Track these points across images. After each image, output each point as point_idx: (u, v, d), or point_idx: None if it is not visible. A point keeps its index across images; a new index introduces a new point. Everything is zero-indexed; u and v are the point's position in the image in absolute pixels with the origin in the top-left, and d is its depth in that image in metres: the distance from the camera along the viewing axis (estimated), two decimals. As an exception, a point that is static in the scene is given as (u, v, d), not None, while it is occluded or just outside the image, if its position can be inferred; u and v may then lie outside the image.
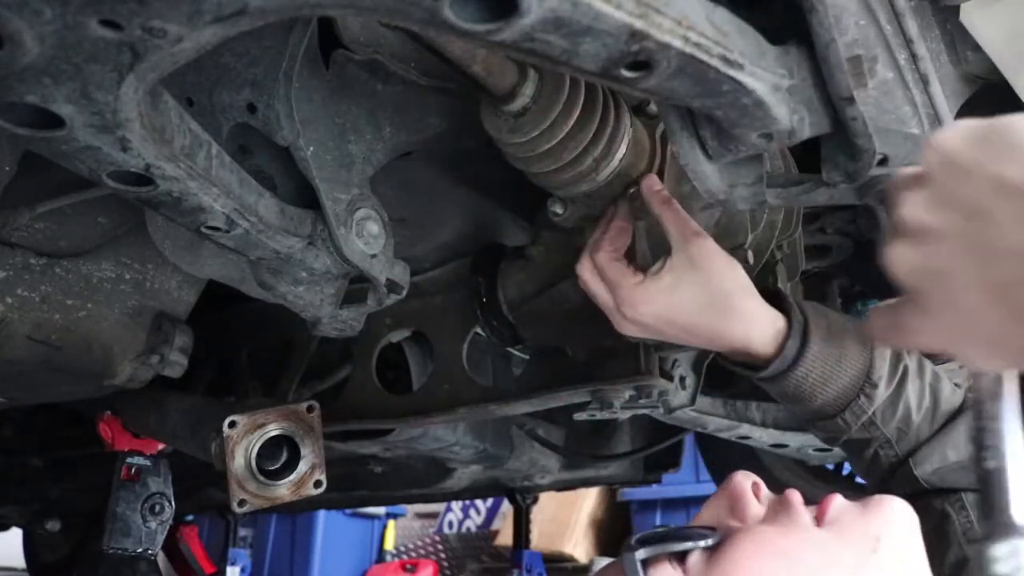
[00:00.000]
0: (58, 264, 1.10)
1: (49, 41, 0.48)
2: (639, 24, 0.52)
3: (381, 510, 5.37)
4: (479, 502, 6.11)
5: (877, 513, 0.75)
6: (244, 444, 1.08)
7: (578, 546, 4.93)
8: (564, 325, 1.18)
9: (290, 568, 4.87)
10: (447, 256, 1.37)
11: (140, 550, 1.49)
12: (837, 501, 0.77)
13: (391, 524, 5.60)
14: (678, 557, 0.72)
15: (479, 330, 1.30)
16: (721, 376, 1.51)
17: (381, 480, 2.30)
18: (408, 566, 4.98)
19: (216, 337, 1.62)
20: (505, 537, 4.94)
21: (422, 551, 5.84)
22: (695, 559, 0.71)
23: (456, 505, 6.15)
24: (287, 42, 0.80)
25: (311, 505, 3.28)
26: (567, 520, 4.98)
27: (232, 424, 1.07)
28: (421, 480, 2.26)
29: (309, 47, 0.82)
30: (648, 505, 4.88)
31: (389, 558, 5.44)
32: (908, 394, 0.97)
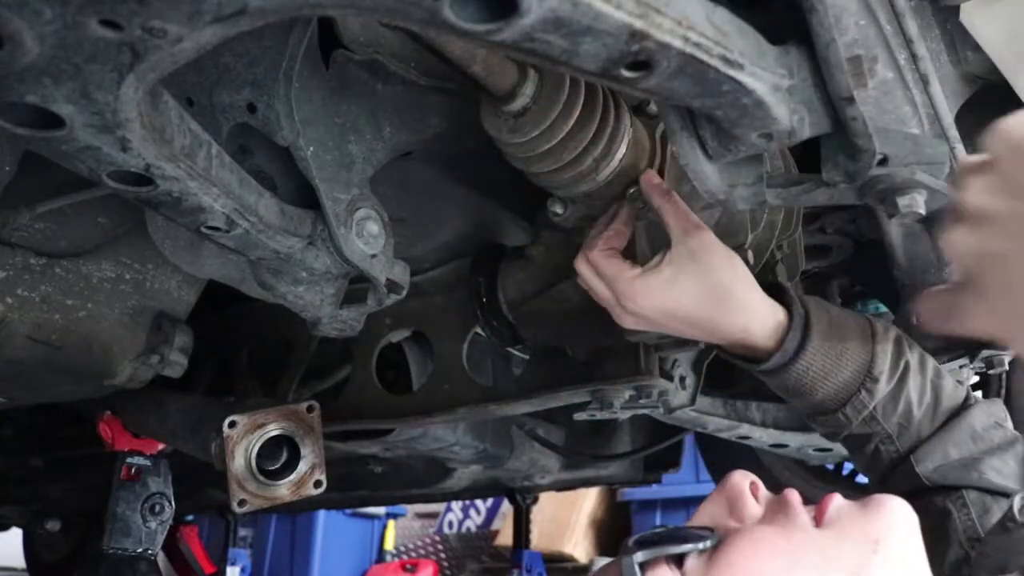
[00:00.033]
0: (58, 264, 1.10)
1: (49, 41, 0.48)
2: (639, 24, 0.52)
3: (381, 510, 5.38)
4: (479, 502, 6.11)
5: (877, 514, 0.75)
6: (244, 444, 1.08)
7: (578, 546, 4.93)
8: (564, 325, 1.18)
9: (290, 568, 4.87)
10: (447, 256, 1.37)
11: (140, 550, 1.49)
12: (836, 501, 0.77)
13: (391, 524, 5.60)
14: (676, 560, 0.71)
15: (479, 330, 1.30)
16: (721, 376, 1.51)
17: (381, 480, 2.30)
18: (408, 566, 4.98)
19: (216, 337, 1.62)
20: (505, 537, 4.94)
21: (422, 551, 5.85)
22: (693, 561, 0.71)
23: (456, 505, 6.16)
24: (287, 42, 0.80)
25: (311, 505, 3.28)
26: (567, 520, 4.98)
27: (232, 424, 1.07)
28: (421, 480, 2.26)
29: (309, 47, 0.82)
30: (648, 505, 4.88)
31: (389, 558, 5.44)
32: (910, 389, 0.97)
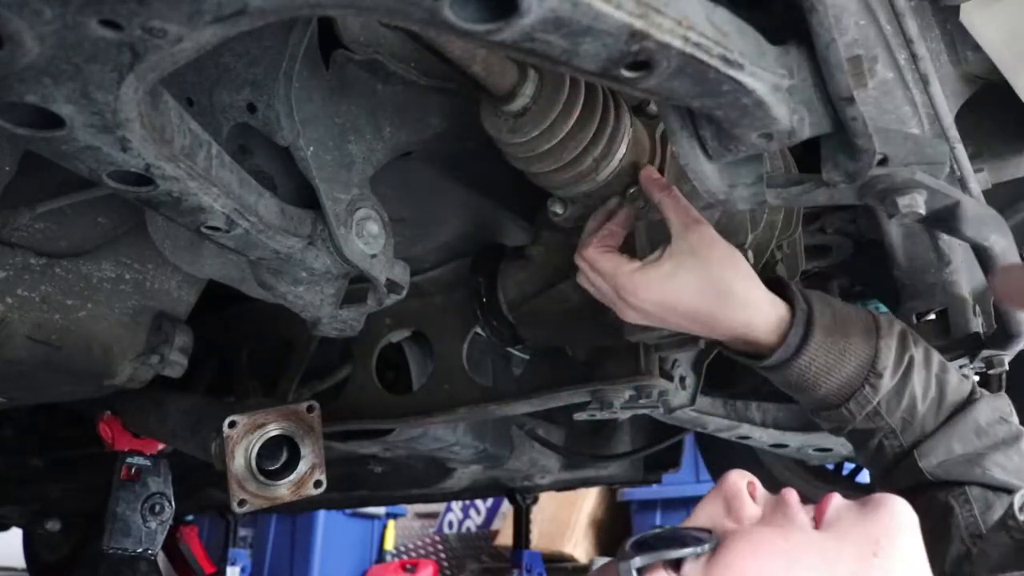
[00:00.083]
0: (58, 264, 1.10)
1: (49, 41, 0.48)
2: (639, 24, 0.52)
3: (381, 510, 5.38)
4: (479, 502, 6.11)
5: (877, 514, 0.74)
6: (244, 444, 1.08)
7: (578, 546, 4.93)
8: (564, 325, 1.18)
9: (290, 568, 4.87)
10: (447, 256, 1.37)
11: (140, 550, 1.49)
12: (836, 501, 0.76)
13: (391, 524, 5.61)
14: (673, 564, 0.71)
15: (479, 330, 1.30)
16: (721, 376, 1.51)
17: (381, 480, 2.30)
18: (408, 566, 4.98)
19: (216, 337, 1.62)
20: (505, 537, 4.94)
21: (422, 551, 5.85)
22: (691, 565, 0.70)
23: (456, 505, 6.16)
24: (287, 42, 0.80)
25: (311, 505, 3.28)
26: (567, 520, 4.98)
27: (232, 424, 1.07)
28: (421, 480, 2.26)
29: (309, 47, 0.82)
30: (648, 505, 4.89)
31: (389, 558, 5.45)
32: (914, 384, 0.96)
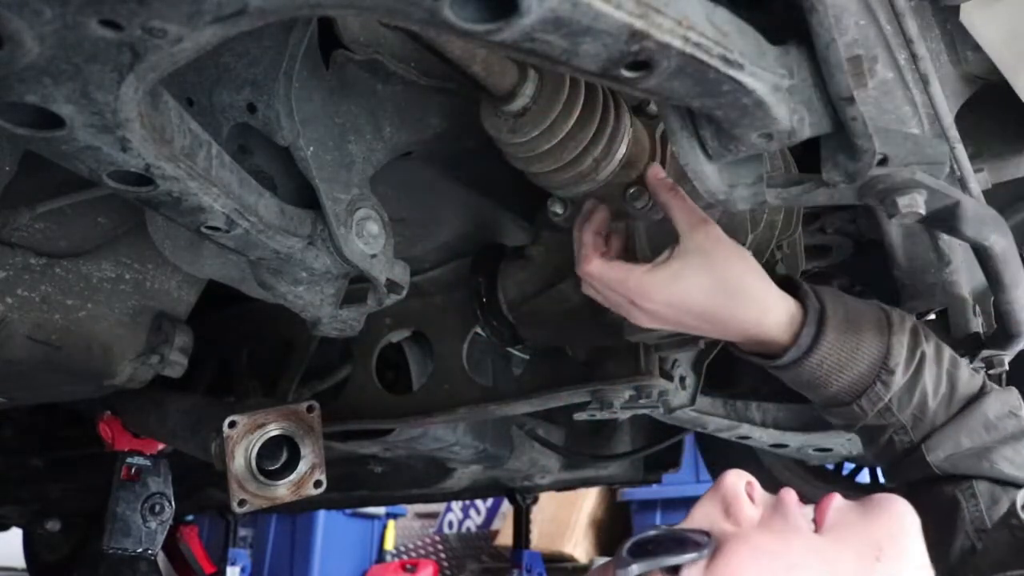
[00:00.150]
0: (58, 264, 1.10)
1: (49, 41, 0.48)
2: (639, 24, 0.52)
3: (381, 510, 5.38)
4: (479, 502, 6.11)
5: (879, 517, 0.74)
6: (244, 444, 1.08)
7: (578, 546, 4.93)
8: (564, 325, 1.18)
9: (290, 568, 4.87)
10: (447, 256, 1.37)
11: (140, 550, 1.49)
12: (836, 503, 0.75)
13: (391, 524, 5.61)
14: (672, 569, 0.70)
15: (479, 330, 1.30)
16: (721, 376, 1.51)
17: (381, 480, 2.30)
18: (408, 566, 4.98)
19: (216, 337, 1.62)
20: (505, 537, 4.94)
21: (422, 551, 5.85)
22: (689, 570, 0.70)
23: (456, 505, 6.16)
24: (287, 42, 0.80)
25: (311, 505, 3.28)
26: (567, 520, 4.98)
27: (232, 424, 1.07)
28: (421, 480, 2.26)
29: (309, 47, 0.82)
30: (648, 505, 4.89)
31: (389, 558, 5.45)
32: (925, 380, 0.95)
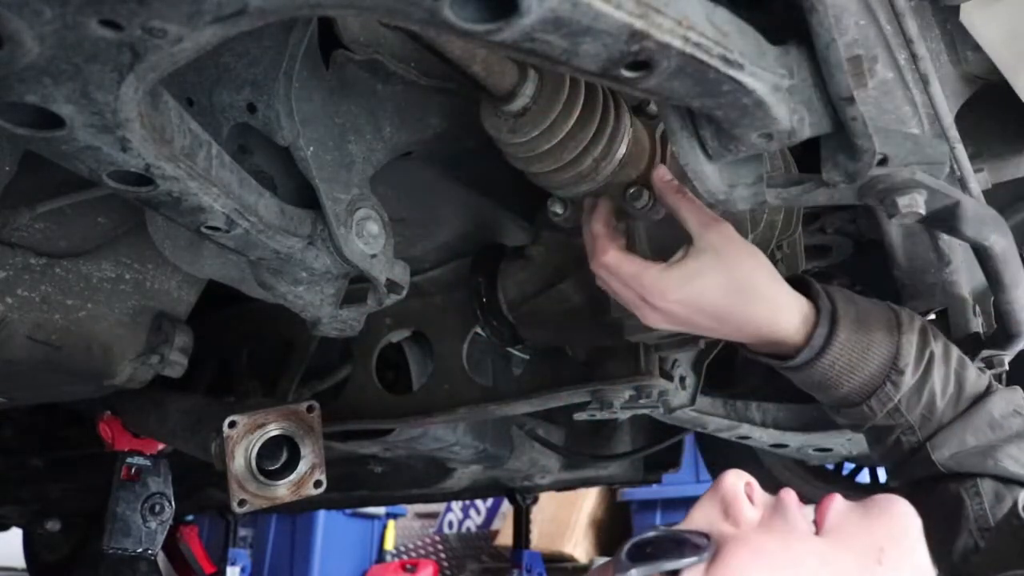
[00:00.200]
0: (58, 264, 1.10)
1: (49, 41, 0.48)
2: (639, 24, 0.52)
3: (381, 510, 5.38)
4: (479, 502, 6.11)
5: (880, 520, 0.73)
6: (244, 444, 1.08)
7: (578, 546, 4.93)
8: (564, 325, 1.18)
9: (290, 568, 4.87)
10: (447, 256, 1.37)
11: (140, 550, 1.49)
12: (837, 505, 0.75)
13: (391, 524, 5.61)
14: (671, 573, 0.70)
15: (479, 330, 1.30)
16: (721, 376, 1.51)
17: (381, 480, 2.30)
18: (408, 566, 4.98)
19: (216, 337, 1.62)
20: (505, 537, 4.94)
21: (422, 551, 5.85)
22: (689, 573, 0.69)
23: (456, 505, 6.16)
24: (287, 42, 0.80)
25: (311, 505, 3.28)
26: (567, 520, 4.98)
27: (232, 424, 1.07)
28: (421, 480, 2.26)
29: (309, 47, 0.82)
30: (648, 505, 4.88)
31: (389, 558, 5.45)
32: (934, 380, 0.95)
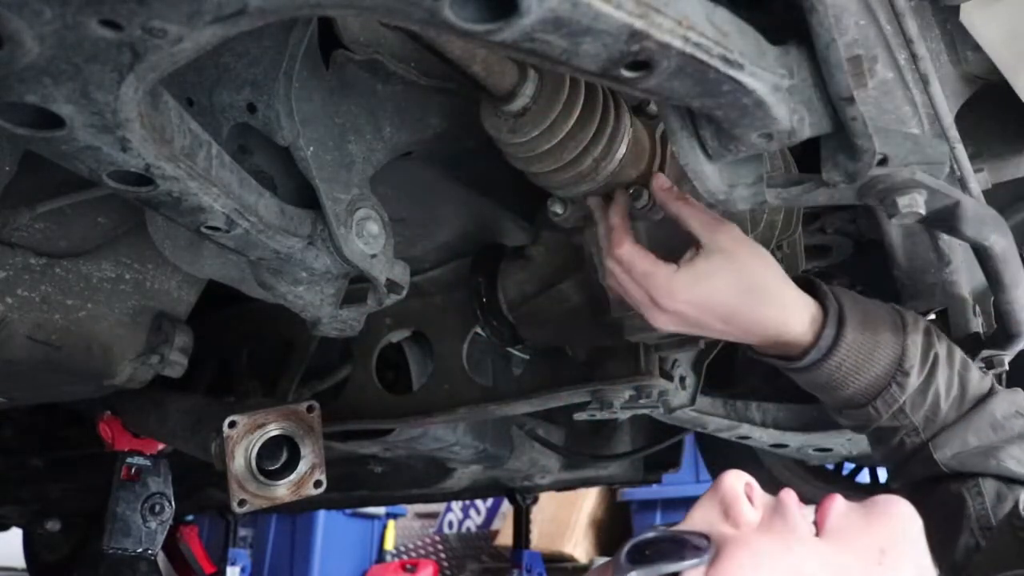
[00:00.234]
0: (58, 264, 1.10)
1: (49, 41, 0.48)
2: (639, 24, 0.52)
3: (381, 510, 5.38)
4: (479, 502, 6.11)
5: (881, 521, 0.73)
6: (244, 444, 1.08)
7: (578, 546, 4.93)
8: (564, 325, 1.18)
9: (290, 568, 4.87)
10: (447, 256, 1.38)
11: (140, 550, 1.49)
12: (837, 506, 0.75)
13: (391, 524, 5.61)
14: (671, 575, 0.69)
15: (479, 330, 1.30)
16: (721, 376, 1.51)
17: (381, 480, 2.30)
18: (408, 566, 4.98)
19: (216, 337, 1.62)
20: (505, 537, 4.94)
21: (422, 551, 5.85)
22: None
23: (456, 505, 6.16)
24: (287, 42, 0.80)
25: (311, 505, 3.28)
26: (567, 520, 4.98)
27: (232, 424, 1.07)
28: (421, 480, 2.26)
29: (309, 47, 0.82)
30: (648, 505, 4.88)
31: (389, 558, 5.45)
32: (938, 382, 0.95)
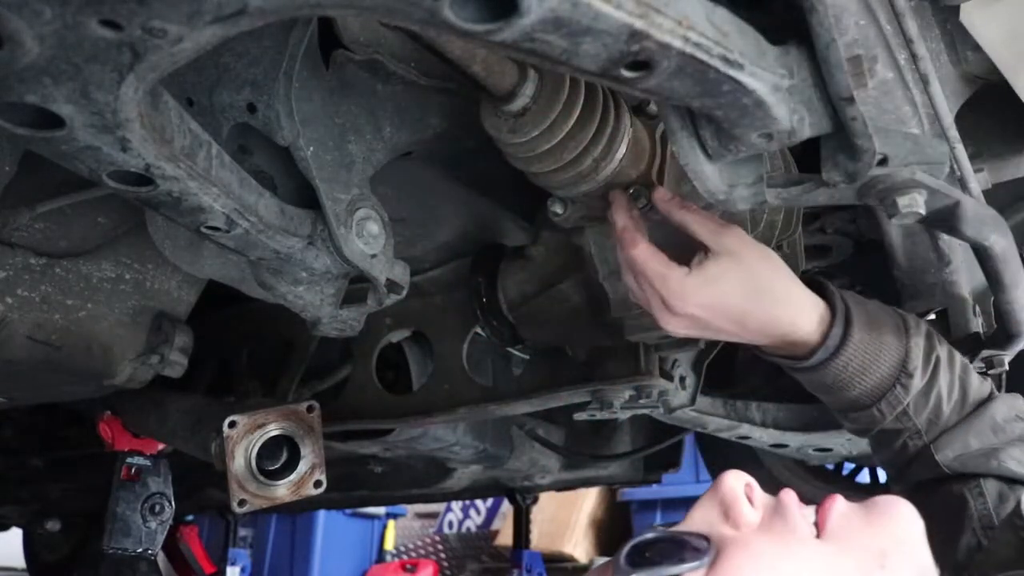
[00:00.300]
0: (58, 264, 1.10)
1: (49, 41, 0.48)
2: (639, 24, 0.52)
3: (381, 510, 5.38)
4: (479, 502, 6.11)
5: (882, 523, 0.73)
6: (244, 444, 1.08)
7: (578, 546, 4.93)
8: (564, 325, 1.18)
9: (290, 568, 4.87)
10: (447, 256, 1.37)
11: (140, 550, 1.49)
12: (838, 507, 0.75)
13: (391, 524, 5.61)
14: None
15: (479, 330, 1.30)
16: (721, 376, 1.51)
17: (381, 480, 2.30)
18: (408, 566, 4.98)
19: (216, 337, 1.62)
20: (505, 537, 4.94)
21: (422, 551, 5.85)
22: None
23: (456, 505, 6.16)
24: (287, 42, 0.80)
25: (311, 505, 3.28)
26: (567, 520, 4.98)
27: (232, 424, 1.07)
28: (421, 480, 2.26)
29: (309, 47, 0.82)
30: (648, 505, 4.88)
31: (389, 558, 5.45)
32: (940, 384, 0.96)
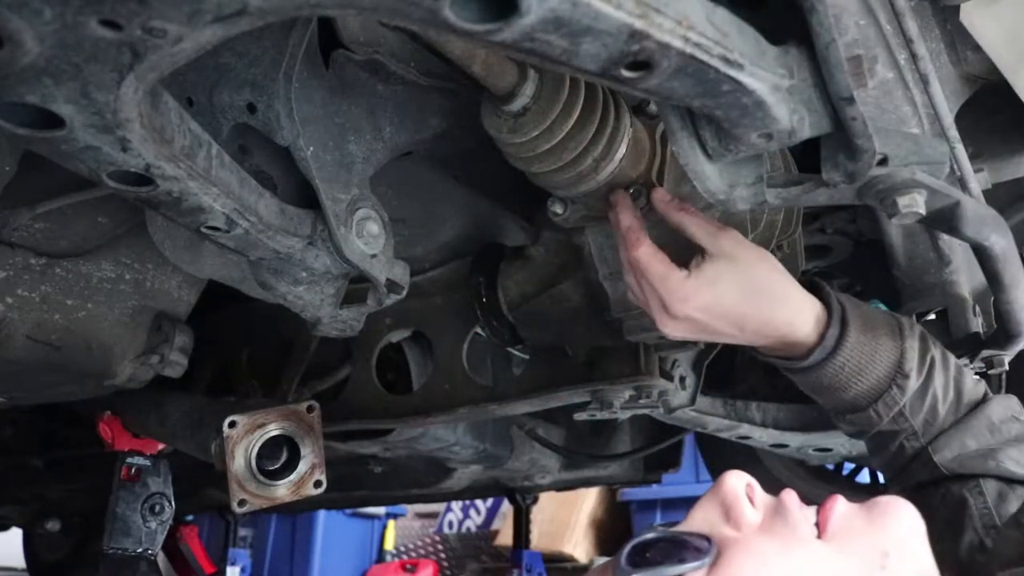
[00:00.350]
0: (58, 264, 1.10)
1: (49, 41, 0.48)
2: (639, 24, 0.52)
3: (381, 510, 5.38)
4: (479, 502, 6.11)
5: (883, 524, 0.73)
6: (244, 444, 1.08)
7: (578, 546, 4.93)
8: (564, 325, 1.18)
9: (290, 568, 4.87)
10: (447, 256, 1.38)
11: (140, 550, 1.50)
12: (840, 507, 0.75)
13: (391, 524, 5.61)
14: None
15: (479, 330, 1.30)
16: (721, 376, 1.51)
17: (381, 480, 2.30)
18: (408, 566, 4.99)
19: (216, 337, 1.62)
20: (505, 537, 4.94)
21: (422, 551, 5.85)
22: None
23: (456, 505, 6.16)
24: (287, 42, 0.80)
25: (311, 505, 3.28)
26: (567, 520, 4.98)
27: (232, 424, 1.07)
28: (421, 480, 2.26)
29: (309, 47, 0.82)
30: (648, 505, 4.88)
31: (389, 558, 5.45)
32: (936, 386, 0.97)
